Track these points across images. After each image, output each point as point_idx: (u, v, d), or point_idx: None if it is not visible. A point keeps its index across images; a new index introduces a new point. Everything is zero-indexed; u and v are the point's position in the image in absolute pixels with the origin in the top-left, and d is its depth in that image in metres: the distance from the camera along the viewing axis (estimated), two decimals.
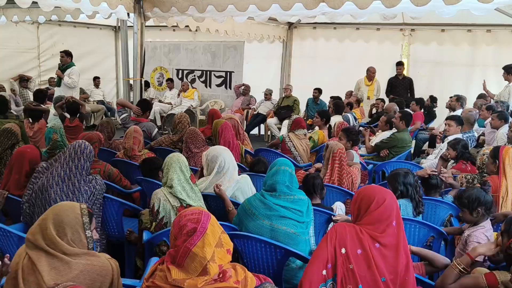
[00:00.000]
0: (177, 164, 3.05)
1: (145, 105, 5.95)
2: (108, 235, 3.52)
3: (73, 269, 1.89)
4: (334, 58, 9.98)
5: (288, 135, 5.51)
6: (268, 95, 9.74)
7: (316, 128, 6.33)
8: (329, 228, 3.36)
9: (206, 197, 3.32)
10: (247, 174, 3.89)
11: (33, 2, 5.14)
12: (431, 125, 7.83)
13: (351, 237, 2.10)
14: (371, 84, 9.17)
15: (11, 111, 6.19)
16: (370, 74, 9.03)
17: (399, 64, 8.96)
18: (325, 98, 9.00)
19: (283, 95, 9.54)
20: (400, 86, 8.95)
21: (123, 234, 3.46)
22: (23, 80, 10.13)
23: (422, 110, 7.80)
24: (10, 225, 3.16)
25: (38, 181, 3.18)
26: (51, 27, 10.50)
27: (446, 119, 5.63)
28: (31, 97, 9.84)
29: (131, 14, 6.24)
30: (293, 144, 5.38)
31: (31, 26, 10.18)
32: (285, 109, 8.96)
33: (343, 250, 2.09)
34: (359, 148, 5.66)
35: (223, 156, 3.45)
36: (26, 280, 1.85)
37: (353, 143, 4.83)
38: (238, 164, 4.24)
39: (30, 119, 5.57)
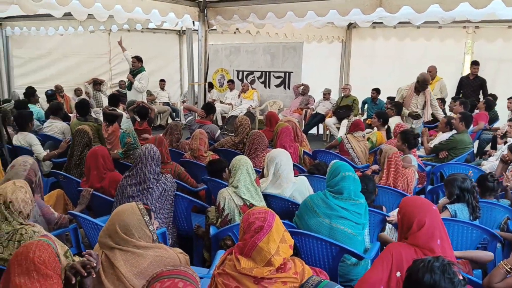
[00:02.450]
0: (244, 166, 3.33)
1: (209, 108, 6.31)
2: (178, 228, 3.89)
3: (145, 259, 2.20)
4: (393, 57, 9.90)
5: (346, 136, 5.63)
6: (326, 94, 9.83)
7: (375, 129, 6.40)
8: (385, 228, 3.54)
9: (266, 197, 3.57)
10: (304, 175, 4.09)
11: (109, 16, 5.66)
12: (495, 125, 7.61)
13: (406, 260, 2.11)
14: (431, 84, 9.00)
15: (91, 114, 6.75)
16: (430, 74, 8.85)
17: (475, 63, 8.55)
18: (384, 97, 8.99)
19: (342, 95, 9.59)
20: (469, 87, 8.62)
21: (191, 228, 3.81)
22: (97, 84, 10.93)
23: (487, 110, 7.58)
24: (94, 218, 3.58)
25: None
26: (120, 33, 11.19)
27: (509, 120, 5.52)
28: (103, 99, 10.63)
29: (196, 22, 6.64)
30: (351, 146, 5.51)
31: (103, 33, 10.93)
32: (344, 109, 9.01)
33: (398, 274, 2.14)
34: (418, 149, 5.68)
35: (279, 158, 3.68)
36: (107, 273, 2.17)
37: (410, 146, 4.88)
38: (296, 165, 4.46)
39: (106, 122, 6.10)
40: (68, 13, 5.74)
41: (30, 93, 8.36)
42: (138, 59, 8.18)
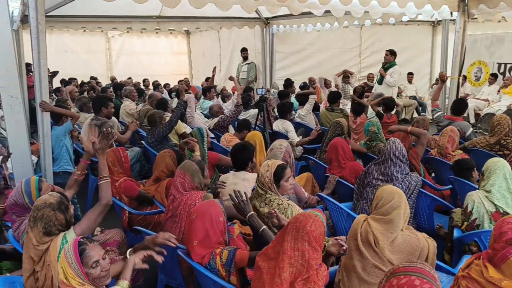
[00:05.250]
0: (501, 170, 3.07)
1: (462, 105, 5.90)
2: (418, 225, 3.85)
3: (398, 237, 2.35)
4: None
5: None
6: None
7: None
8: None
9: None
10: None
11: (365, 12, 5.87)
12: None
13: None
14: None
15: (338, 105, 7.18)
16: None
17: None
18: None
19: None
20: None
21: (433, 227, 3.71)
22: (346, 76, 11.42)
23: None
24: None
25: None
26: (372, 27, 11.36)
27: None
28: (351, 91, 11.05)
29: (454, 12, 6.25)
30: None
31: (356, 28, 11.30)
32: None
33: None
34: None
35: None
36: (364, 241, 2.38)
37: None
38: None
39: (353, 113, 6.39)
40: (327, 10, 6.19)
41: (288, 84, 9.38)
42: (391, 53, 8.21)
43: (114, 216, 4.34)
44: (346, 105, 8.94)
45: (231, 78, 8.35)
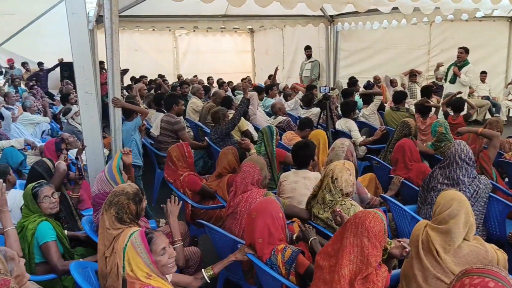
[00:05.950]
0: None
1: None
2: (488, 233, 3.65)
3: (462, 249, 2.23)
4: None
5: None
6: None
7: None
8: None
9: None
10: None
11: (436, 8, 5.63)
12: None
13: None
14: None
15: (406, 106, 6.92)
16: None
17: None
18: None
19: None
20: None
21: (504, 235, 3.51)
22: (413, 75, 11.02)
23: None
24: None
25: None
26: (443, 23, 10.83)
27: None
28: (417, 90, 10.65)
29: None
30: None
31: (425, 25, 10.86)
32: None
33: None
34: None
35: None
36: (425, 249, 2.28)
37: None
38: None
39: (419, 114, 6.16)
40: (395, 7, 6.00)
41: (352, 82, 9.21)
42: (466, 50, 7.84)
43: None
44: (412, 104, 8.64)
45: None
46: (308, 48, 10.64)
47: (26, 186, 3.17)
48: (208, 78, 12.69)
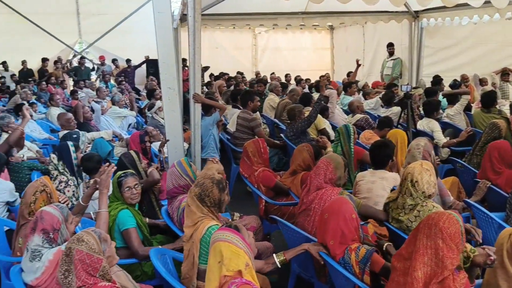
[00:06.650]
0: None
1: None
2: None
3: None
4: None
5: None
6: None
7: None
8: None
9: None
10: None
11: None
12: None
13: None
14: None
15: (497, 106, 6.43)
16: None
17: None
18: None
19: None
20: None
21: None
22: (505, 74, 10.22)
23: None
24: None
25: None
26: None
27: None
28: (510, 91, 9.88)
29: None
30: None
31: None
32: None
33: None
34: None
35: None
36: (511, 258, 2.13)
37: None
38: None
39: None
40: (487, 1, 5.61)
41: (437, 81, 8.76)
42: None
43: (252, 204, 4.57)
44: (504, 105, 8.04)
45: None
46: (391, 45, 10.31)
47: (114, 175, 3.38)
48: (286, 75, 12.73)
